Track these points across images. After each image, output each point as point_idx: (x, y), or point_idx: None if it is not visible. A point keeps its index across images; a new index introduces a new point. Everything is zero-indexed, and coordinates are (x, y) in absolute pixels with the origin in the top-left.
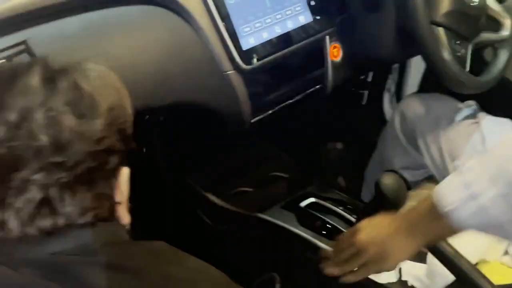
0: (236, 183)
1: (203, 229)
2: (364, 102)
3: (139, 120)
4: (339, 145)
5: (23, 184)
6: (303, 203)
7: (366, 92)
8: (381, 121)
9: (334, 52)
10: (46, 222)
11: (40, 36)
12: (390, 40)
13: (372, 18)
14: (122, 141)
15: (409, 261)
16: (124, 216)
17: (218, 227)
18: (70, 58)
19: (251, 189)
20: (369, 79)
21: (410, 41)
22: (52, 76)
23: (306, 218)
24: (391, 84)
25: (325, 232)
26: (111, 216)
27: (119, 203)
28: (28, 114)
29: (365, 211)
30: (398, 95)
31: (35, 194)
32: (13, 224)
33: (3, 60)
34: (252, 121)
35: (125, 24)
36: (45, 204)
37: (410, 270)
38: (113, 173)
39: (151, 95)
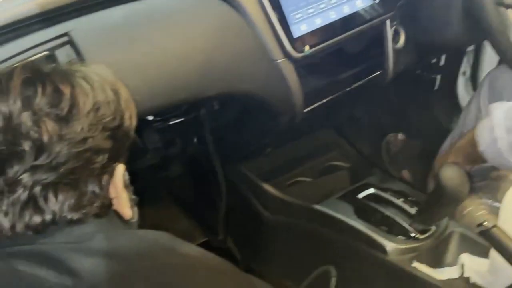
0: (294, 172)
1: (259, 220)
2: (436, 87)
3: (191, 111)
4: (400, 136)
5: (9, 186)
6: (361, 194)
7: (438, 77)
8: (455, 107)
9: (396, 37)
10: (34, 220)
11: (83, 27)
12: (455, 23)
13: (437, 0)
14: (111, 139)
15: (471, 256)
16: (124, 211)
17: (274, 217)
18: (115, 50)
19: (308, 179)
20: (442, 62)
21: (476, 24)
22: (32, 80)
23: (364, 210)
24: (466, 67)
25: (382, 226)
26: (104, 213)
27: (113, 199)
28: (9, 119)
29: (425, 204)
30: (474, 79)
31: (21, 194)
32: (3, 223)
33: (46, 52)
34: (305, 110)
35: (172, 13)
36: (31, 203)
37: (473, 266)
38: (103, 171)
39: (201, 86)
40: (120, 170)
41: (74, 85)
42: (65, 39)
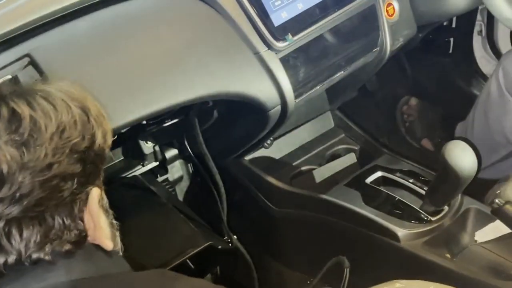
0: (298, 162)
1: (265, 215)
2: (450, 50)
3: (181, 111)
4: (413, 101)
5: None
6: (369, 179)
7: (451, 40)
8: (472, 70)
9: (389, 11)
10: None
11: (45, 45)
12: None
13: None
14: (81, 162)
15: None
16: (104, 243)
17: (280, 211)
18: (83, 64)
19: (314, 167)
20: (454, 24)
21: None
22: None
23: (373, 196)
24: (481, 25)
25: (393, 211)
26: (78, 247)
27: (89, 230)
28: None
29: (433, 185)
30: (491, 37)
31: None
32: None
33: (9, 76)
34: (297, 101)
35: (141, 18)
36: None
37: None
38: (73, 198)
39: (185, 91)
40: (95, 194)
41: (34, 107)
42: (26, 60)
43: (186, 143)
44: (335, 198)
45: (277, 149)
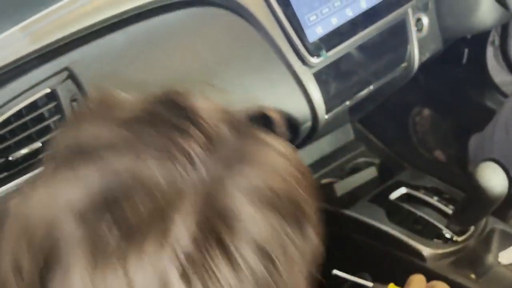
0: (318, 175)
1: None
2: (464, 61)
3: None
4: (426, 112)
5: None
6: (393, 195)
7: (466, 50)
8: (485, 81)
9: (419, 26)
10: None
11: (84, 59)
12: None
13: None
14: None
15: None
16: None
17: None
18: (120, 78)
19: (335, 180)
20: (469, 35)
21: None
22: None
23: (397, 213)
24: (494, 35)
25: (418, 229)
26: None
27: None
28: None
29: (462, 205)
30: (504, 48)
31: None
32: None
33: (48, 90)
34: (327, 116)
35: (176, 31)
36: None
37: None
38: None
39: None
40: None
41: None
42: (65, 74)
43: None
44: (359, 214)
45: None
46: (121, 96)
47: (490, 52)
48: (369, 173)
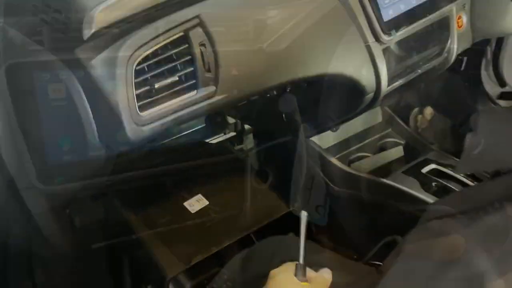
0: (354, 148)
1: (325, 192)
2: (462, 68)
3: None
4: (428, 110)
5: None
6: (425, 169)
7: (465, 58)
8: (478, 90)
9: (459, 22)
10: None
11: (211, 10)
12: None
13: None
14: None
15: None
16: None
17: (339, 190)
18: (233, 32)
19: (369, 155)
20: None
21: None
22: None
23: (429, 184)
24: (487, 49)
25: None
26: None
27: None
28: None
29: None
30: (495, 61)
31: None
32: None
33: (181, 33)
34: (387, 90)
35: None
36: None
37: None
38: None
39: (308, 66)
40: None
41: None
42: (196, 21)
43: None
44: (396, 183)
45: (334, 134)
46: None
47: (483, 63)
48: (396, 152)
